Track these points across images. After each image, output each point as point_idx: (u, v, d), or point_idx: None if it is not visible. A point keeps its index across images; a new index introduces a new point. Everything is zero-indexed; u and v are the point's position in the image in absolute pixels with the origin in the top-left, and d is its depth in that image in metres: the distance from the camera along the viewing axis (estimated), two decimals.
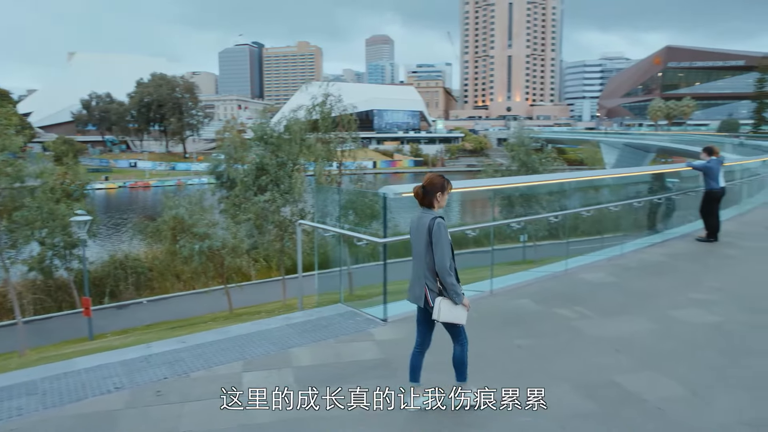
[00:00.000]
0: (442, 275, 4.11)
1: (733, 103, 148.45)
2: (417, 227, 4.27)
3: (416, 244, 4.28)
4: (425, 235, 4.15)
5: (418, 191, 4.27)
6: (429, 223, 4.13)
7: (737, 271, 8.84)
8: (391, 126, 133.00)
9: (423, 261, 4.20)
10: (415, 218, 4.33)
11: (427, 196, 4.24)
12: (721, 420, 4.09)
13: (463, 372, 4.36)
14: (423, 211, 4.28)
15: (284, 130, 23.49)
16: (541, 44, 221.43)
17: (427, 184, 4.25)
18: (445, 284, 4.12)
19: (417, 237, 4.27)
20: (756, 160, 21.24)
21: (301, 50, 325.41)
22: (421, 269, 4.24)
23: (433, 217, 4.18)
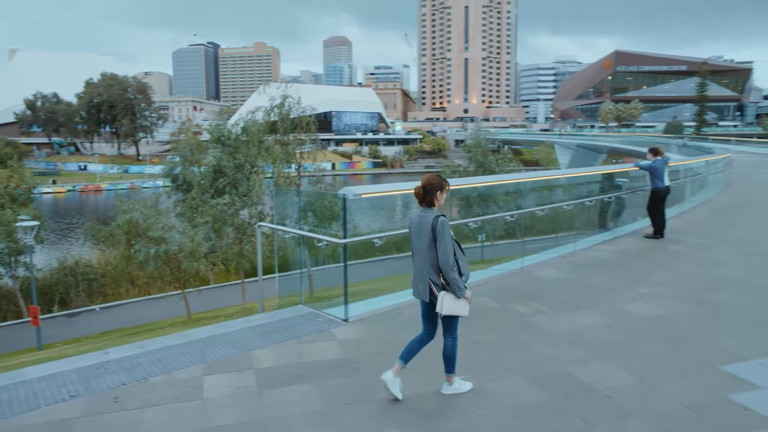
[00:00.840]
0: (445, 270, 4.31)
1: (678, 106, 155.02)
2: (419, 225, 4.46)
3: (418, 241, 4.48)
4: (428, 232, 4.36)
5: (419, 191, 4.47)
6: (432, 222, 4.35)
7: (681, 266, 9.28)
8: (350, 127, 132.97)
9: (426, 257, 4.41)
10: (415, 217, 4.53)
11: (427, 196, 4.45)
12: (665, 405, 4.33)
13: (452, 365, 4.58)
14: (423, 210, 4.49)
15: (242, 131, 23.22)
16: (496, 47, 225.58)
17: (427, 184, 4.45)
18: (448, 279, 4.32)
19: (418, 235, 4.47)
20: (698, 161, 22.26)
21: (258, 51, 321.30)
22: (424, 265, 4.44)
23: (435, 215, 4.39)
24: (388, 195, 7.12)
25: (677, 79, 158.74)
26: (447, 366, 4.59)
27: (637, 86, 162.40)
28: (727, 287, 7.79)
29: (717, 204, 17.52)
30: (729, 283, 7.98)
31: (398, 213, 45.02)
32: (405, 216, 37.25)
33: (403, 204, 46.76)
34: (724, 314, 6.60)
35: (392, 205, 45.20)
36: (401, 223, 41.10)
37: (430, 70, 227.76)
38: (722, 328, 6.15)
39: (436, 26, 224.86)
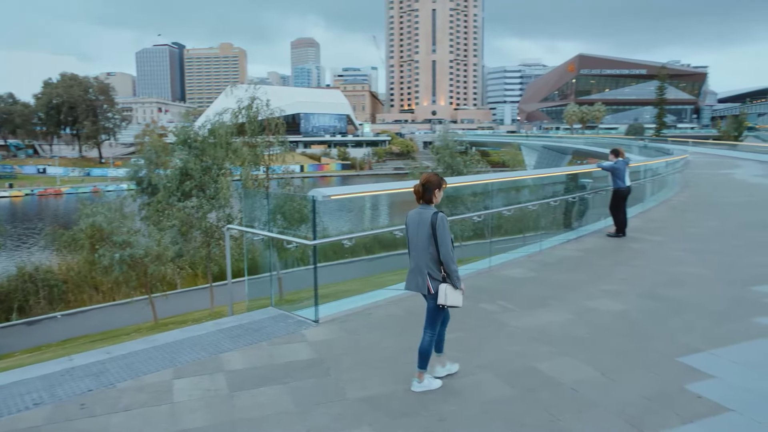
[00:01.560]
0: (446, 263, 4.56)
1: (639, 108, 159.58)
2: (418, 222, 4.66)
3: (417, 237, 4.66)
4: (427, 228, 4.56)
5: (418, 189, 4.70)
6: (432, 217, 4.56)
7: (642, 263, 9.59)
8: (318, 130, 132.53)
9: (425, 252, 4.60)
10: (414, 213, 4.74)
11: (426, 193, 4.69)
12: (626, 396, 4.51)
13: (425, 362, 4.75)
14: (422, 207, 4.71)
15: (209, 133, 22.91)
16: (463, 50, 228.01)
17: (426, 182, 4.69)
18: (449, 271, 4.59)
19: (418, 230, 4.66)
20: (658, 161, 22.98)
21: (225, 52, 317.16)
22: (423, 260, 4.62)
23: (434, 212, 4.62)
24: (357, 196, 7.19)
25: (638, 82, 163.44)
26: (420, 361, 4.70)
27: (600, 89, 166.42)
28: (683, 283, 8.10)
29: (675, 203, 18.13)
30: (685, 279, 8.30)
31: (367, 214, 45.08)
32: (374, 218, 37.36)
33: (372, 206, 46.83)
34: (681, 309, 6.87)
35: (361, 207, 45.23)
36: (370, 224, 41.17)
37: (398, 72, 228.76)
38: (679, 321, 6.40)
39: (404, 29, 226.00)
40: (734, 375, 4.89)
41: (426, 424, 4.13)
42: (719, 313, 6.66)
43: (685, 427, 4.01)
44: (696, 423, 4.05)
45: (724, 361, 5.18)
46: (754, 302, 7.02)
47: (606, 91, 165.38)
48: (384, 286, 8.61)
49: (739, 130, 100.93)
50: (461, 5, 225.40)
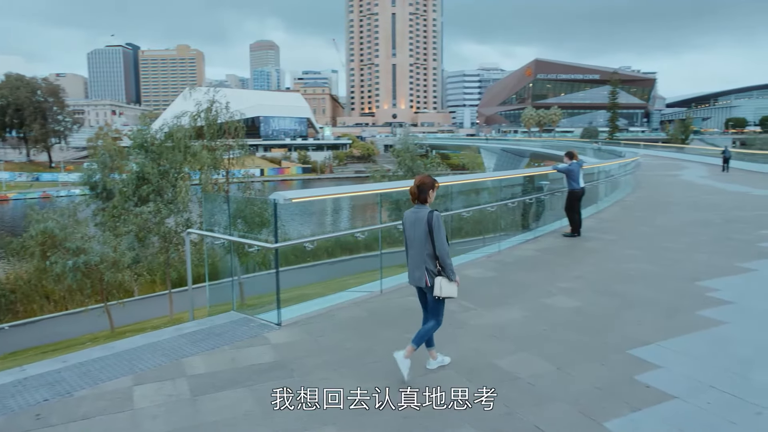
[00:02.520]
0: (442, 258, 4.90)
1: (593, 112, 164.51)
2: (414, 220, 4.99)
3: (414, 234, 4.99)
4: (424, 225, 4.90)
5: (414, 190, 5.01)
6: (428, 216, 4.89)
7: (596, 261, 9.95)
8: (279, 133, 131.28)
9: (423, 248, 4.93)
10: (410, 213, 5.06)
11: (421, 194, 5.00)
12: (580, 388, 4.70)
13: (430, 340, 5.17)
14: (417, 207, 5.03)
15: (166, 137, 22.45)
16: (423, 54, 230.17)
17: (421, 183, 5.01)
18: (445, 265, 4.92)
19: (414, 228, 4.99)
20: (611, 163, 23.78)
21: (182, 54, 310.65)
22: (420, 255, 4.95)
23: (430, 210, 4.95)
24: (318, 200, 7.23)
25: (591, 87, 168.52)
26: (427, 341, 5.14)
27: (556, 93, 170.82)
28: (634, 279, 8.46)
29: (627, 203, 18.82)
30: (635, 276, 8.67)
31: (329, 218, 44.89)
32: (335, 221, 37.09)
33: (333, 209, 46.59)
34: (632, 304, 7.18)
35: (323, 210, 45.01)
36: (332, 227, 40.96)
37: (359, 76, 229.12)
38: (630, 316, 6.69)
39: (363, 32, 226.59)
40: (679, 365, 5.16)
41: (390, 420, 4.21)
42: (667, 307, 6.99)
43: (633, 414, 4.22)
44: (643, 411, 4.27)
45: (670, 352, 5.46)
46: (698, 296, 7.39)
47: (562, 96, 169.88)
48: (346, 289, 8.67)
49: (685, 134, 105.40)
50: (420, 10, 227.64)
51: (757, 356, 5.38)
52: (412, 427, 4.14)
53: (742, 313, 6.67)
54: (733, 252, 10.25)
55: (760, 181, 28.09)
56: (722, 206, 17.64)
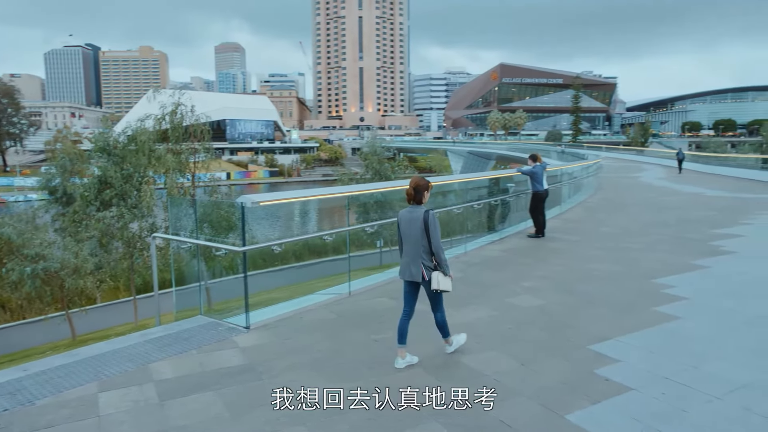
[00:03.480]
0: (438, 253, 5.27)
1: (557, 115, 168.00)
2: (410, 219, 5.34)
3: (410, 232, 5.33)
4: (420, 224, 5.25)
5: (410, 191, 5.39)
6: (424, 215, 5.25)
7: (559, 261, 10.22)
8: (245, 136, 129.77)
9: (419, 245, 5.28)
10: (406, 212, 5.42)
11: (417, 195, 5.38)
12: (543, 383, 4.86)
13: (446, 330, 5.58)
14: (413, 207, 5.39)
15: (129, 140, 22.01)
16: (390, 57, 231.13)
17: (416, 185, 5.38)
18: (440, 260, 5.29)
19: (411, 227, 5.33)
20: (574, 166, 24.37)
21: (144, 55, 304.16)
22: (417, 252, 5.30)
23: (425, 210, 5.31)
24: (286, 203, 7.24)
25: (555, 91, 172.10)
26: (443, 333, 5.58)
27: (521, 97, 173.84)
28: (596, 278, 8.74)
29: (590, 205, 19.34)
30: (597, 275, 8.95)
31: (296, 221, 44.59)
32: (303, 224, 36.81)
33: (301, 212, 46.30)
34: (593, 302, 7.43)
35: (290, 214, 44.70)
36: (300, 231, 40.70)
37: (326, 79, 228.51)
38: (590, 313, 6.92)
39: (330, 35, 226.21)
40: (637, 358, 5.37)
41: (357, 421, 4.27)
42: (626, 304, 7.25)
43: (593, 406, 4.39)
44: (603, 403, 4.45)
45: (628, 347, 5.68)
46: (655, 293, 7.69)
47: (526, 99, 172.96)
48: (315, 292, 8.69)
49: (645, 137, 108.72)
50: (387, 13, 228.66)
51: (709, 348, 5.64)
52: (382, 425, 4.22)
53: (695, 309, 6.97)
54: (688, 250, 10.68)
55: (713, 182, 29.21)
56: (678, 207, 18.29)
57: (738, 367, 5.12)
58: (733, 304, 7.13)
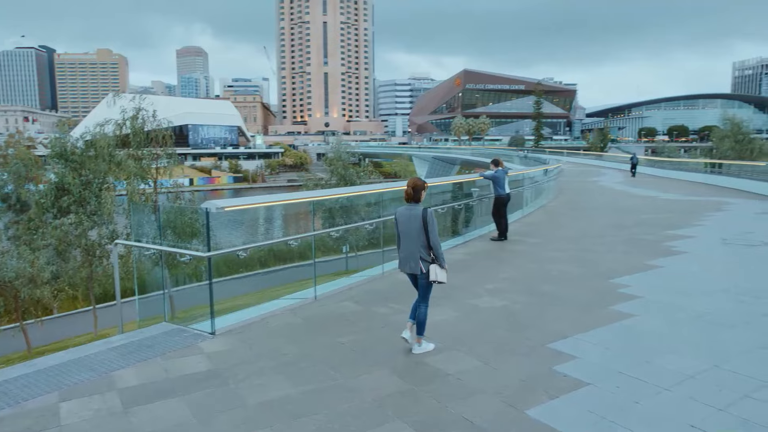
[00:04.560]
0: (435, 248, 5.69)
1: (519, 121, 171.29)
2: (409, 216, 5.79)
3: (409, 228, 5.77)
4: (419, 221, 5.69)
5: (409, 191, 5.86)
6: (422, 213, 5.70)
7: (521, 263, 10.49)
8: (208, 142, 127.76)
9: (417, 240, 5.70)
10: (404, 210, 5.88)
11: (416, 194, 5.86)
12: (504, 380, 5.02)
13: (422, 328, 5.83)
14: (411, 205, 5.86)
15: (88, 145, 21.45)
16: (355, 63, 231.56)
17: (414, 186, 5.87)
18: (437, 254, 5.70)
19: (409, 223, 5.77)
20: (536, 170, 24.96)
21: (103, 58, 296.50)
22: (415, 247, 5.72)
23: (423, 207, 5.79)
24: (251, 209, 7.23)
25: (517, 97, 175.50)
26: (418, 328, 5.81)
27: (485, 103, 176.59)
28: (556, 279, 9.00)
29: (551, 208, 19.83)
30: (557, 275, 9.22)
31: (261, 227, 44.16)
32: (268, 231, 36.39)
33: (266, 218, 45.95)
34: (553, 302, 7.67)
35: (255, 220, 44.22)
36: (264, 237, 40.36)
37: (290, 84, 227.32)
38: (550, 313, 7.15)
39: (295, 40, 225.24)
40: (593, 355, 5.60)
41: (324, 423, 4.33)
42: (584, 304, 7.51)
43: (552, 401, 4.57)
44: (561, 397, 4.63)
45: (586, 344, 5.90)
46: (611, 292, 7.99)
47: (490, 105, 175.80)
48: (281, 297, 8.69)
49: (604, 142, 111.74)
50: (351, 19, 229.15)
51: (660, 344, 5.92)
52: (348, 424, 4.28)
53: (648, 306, 7.28)
54: (643, 251, 11.10)
55: (667, 185, 30.32)
56: (634, 210, 18.94)
57: (685, 360, 5.39)
58: (682, 302, 7.48)
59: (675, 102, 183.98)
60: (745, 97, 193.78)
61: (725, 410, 4.34)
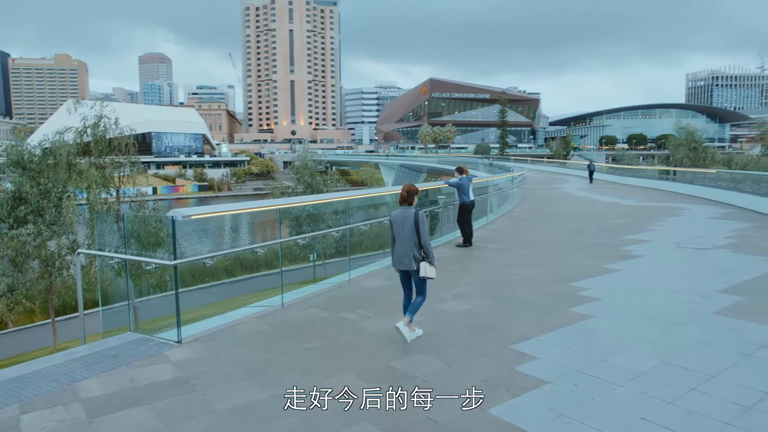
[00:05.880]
0: (426, 247, 6.29)
1: (485, 129, 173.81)
2: (403, 218, 6.39)
3: (402, 229, 6.36)
4: (412, 222, 6.30)
5: (404, 194, 6.52)
6: (414, 215, 6.33)
7: (486, 268, 10.72)
8: (172, 149, 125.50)
9: (410, 240, 6.29)
10: (399, 212, 6.49)
11: (409, 197, 6.52)
12: (467, 381, 5.16)
13: (414, 312, 6.38)
14: (404, 208, 6.48)
15: (47, 154, 20.90)
16: (321, 71, 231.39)
17: (408, 190, 6.55)
18: (428, 252, 6.30)
19: (403, 224, 6.36)
20: (501, 177, 25.47)
21: (61, 64, 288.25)
22: (409, 246, 6.30)
23: (415, 210, 6.41)
24: (216, 218, 7.23)
25: (483, 105, 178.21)
26: (411, 312, 6.35)
27: (450, 111, 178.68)
28: (519, 283, 9.26)
29: (515, 215, 20.26)
30: (520, 280, 9.48)
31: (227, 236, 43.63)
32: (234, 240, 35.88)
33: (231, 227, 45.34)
34: (516, 305, 7.89)
35: (220, 229, 43.68)
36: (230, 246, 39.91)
37: (256, 92, 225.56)
38: (513, 316, 7.37)
39: (261, 48, 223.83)
40: (553, 355, 5.81)
41: (294, 426, 4.39)
42: (545, 306, 7.76)
43: (513, 400, 4.74)
44: (522, 396, 4.81)
45: (546, 345, 6.12)
46: (572, 295, 8.27)
47: (455, 113, 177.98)
48: (248, 305, 8.68)
49: (567, 150, 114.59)
50: (318, 27, 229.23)
51: (615, 343, 6.18)
52: (317, 426, 4.36)
53: (605, 308, 7.57)
54: (602, 255, 11.50)
55: (627, 191, 31.31)
56: (595, 216, 19.54)
57: (639, 358, 5.66)
58: (638, 303, 7.81)
59: (634, 111, 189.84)
60: (698, 107, 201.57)
61: (673, 403, 4.59)
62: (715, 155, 59.67)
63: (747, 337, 6.32)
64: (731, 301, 7.80)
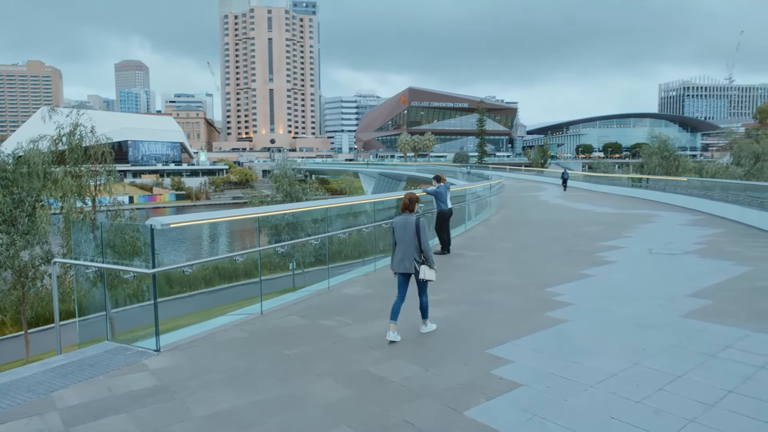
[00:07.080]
0: (426, 251, 6.75)
1: (463, 138, 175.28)
2: (404, 224, 6.82)
3: (404, 234, 6.79)
4: (413, 227, 6.75)
5: (406, 202, 7.01)
6: (416, 221, 6.78)
7: (463, 275, 10.86)
8: (149, 158, 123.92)
9: (411, 244, 6.73)
10: (401, 218, 6.92)
11: (411, 205, 7.01)
12: (444, 385, 5.27)
13: (426, 313, 7.01)
14: (406, 215, 6.93)
15: (20, 162, 20.55)
16: (300, 79, 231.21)
17: (410, 198, 7.05)
18: (427, 256, 6.77)
19: (405, 230, 6.80)
20: (479, 185, 25.74)
21: (34, 70, 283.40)
22: (410, 250, 6.74)
23: (417, 217, 6.86)
24: (194, 228, 7.25)
25: (461, 114, 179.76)
26: (423, 314, 7.00)
27: (429, 120, 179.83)
28: (496, 289, 9.42)
29: (492, 222, 20.52)
30: (497, 286, 9.65)
31: (206, 245, 43.20)
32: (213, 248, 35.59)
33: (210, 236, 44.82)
34: (493, 310, 8.04)
35: (198, 238, 43.28)
36: (209, 255, 39.46)
37: (235, 100, 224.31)
38: (490, 321, 7.51)
39: (239, 56, 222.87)
40: (528, 358, 5.95)
41: (273, 429, 4.44)
42: (521, 311, 7.92)
43: (489, 402, 4.86)
44: (497, 398, 4.93)
45: (522, 349, 6.26)
46: (547, 300, 8.45)
47: (434, 122, 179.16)
48: (227, 313, 8.68)
49: (544, 158, 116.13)
50: (297, 36, 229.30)
51: (588, 346, 6.35)
52: (296, 431, 4.42)
53: (579, 312, 7.76)
54: (577, 261, 11.74)
55: (602, 199, 31.92)
56: (571, 223, 19.89)
57: (610, 360, 5.83)
58: (610, 307, 8.02)
59: (609, 120, 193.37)
60: (671, 116, 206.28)
61: (641, 402, 4.76)
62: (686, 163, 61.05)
63: (713, 338, 6.56)
64: (699, 305, 8.06)
